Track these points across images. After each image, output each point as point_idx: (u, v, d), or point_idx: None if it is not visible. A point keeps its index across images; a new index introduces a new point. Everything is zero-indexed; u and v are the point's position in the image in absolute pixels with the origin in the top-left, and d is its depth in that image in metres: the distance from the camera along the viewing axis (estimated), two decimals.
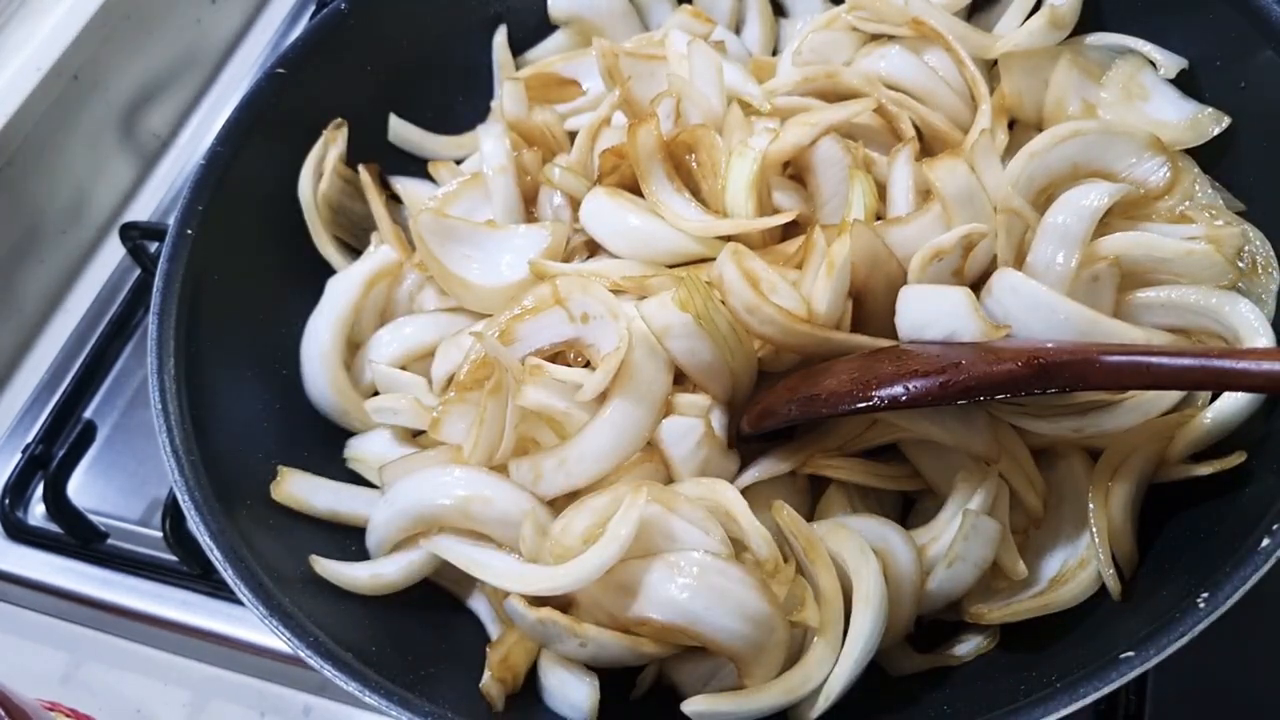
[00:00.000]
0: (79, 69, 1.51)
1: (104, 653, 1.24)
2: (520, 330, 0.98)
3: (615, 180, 1.08)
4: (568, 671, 0.89)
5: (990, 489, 0.91)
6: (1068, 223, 0.95)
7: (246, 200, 1.12)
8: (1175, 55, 1.05)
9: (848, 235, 0.93)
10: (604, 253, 1.07)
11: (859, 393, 0.86)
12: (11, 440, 1.37)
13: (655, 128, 1.05)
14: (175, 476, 0.93)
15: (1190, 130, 1.03)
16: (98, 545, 1.26)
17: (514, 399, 0.94)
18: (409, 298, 1.15)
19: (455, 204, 1.15)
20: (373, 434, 1.09)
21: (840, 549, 0.89)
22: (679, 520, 0.88)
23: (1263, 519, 0.78)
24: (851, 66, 1.13)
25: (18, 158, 1.46)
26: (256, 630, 1.16)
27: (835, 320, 0.95)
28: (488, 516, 0.94)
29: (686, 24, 1.22)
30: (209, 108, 1.71)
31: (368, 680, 0.83)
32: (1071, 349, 0.83)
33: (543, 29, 1.32)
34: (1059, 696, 0.76)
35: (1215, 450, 0.91)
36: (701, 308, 0.91)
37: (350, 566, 0.97)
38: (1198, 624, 0.75)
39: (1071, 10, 1.07)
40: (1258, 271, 0.96)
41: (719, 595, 0.84)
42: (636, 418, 0.92)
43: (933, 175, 0.97)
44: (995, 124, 1.06)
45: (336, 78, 1.20)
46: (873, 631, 0.86)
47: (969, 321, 0.89)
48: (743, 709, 0.83)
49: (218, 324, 1.05)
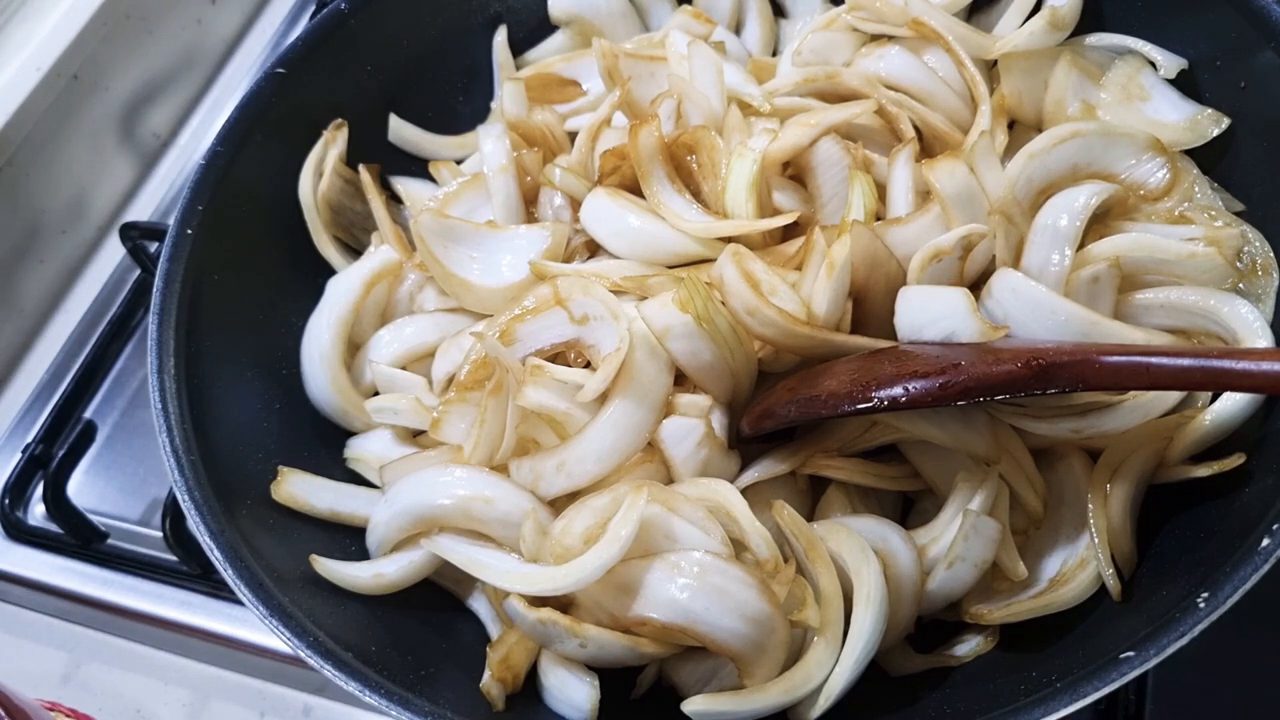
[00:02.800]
0: (79, 69, 1.52)
1: (104, 653, 1.24)
2: (521, 331, 0.98)
3: (616, 181, 1.08)
4: (568, 671, 0.90)
5: (991, 489, 0.91)
6: (1059, 223, 0.95)
7: (246, 200, 1.12)
8: (1175, 56, 1.05)
9: (847, 236, 0.93)
10: (604, 253, 1.07)
11: (859, 394, 0.86)
12: (11, 440, 1.38)
13: (657, 128, 1.05)
14: (175, 476, 0.93)
15: (1190, 131, 1.03)
16: (98, 545, 1.26)
17: (514, 399, 0.94)
18: (409, 298, 1.14)
19: (456, 204, 1.15)
20: (373, 434, 1.09)
21: (841, 549, 0.89)
22: (679, 520, 0.88)
23: (1263, 519, 0.78)
24: (851, 67, 1.13)
25: (18, 158, 1.46)
26: (256, 630, 1.16)
27: (835, 321, 0.95)
28: (488, 516, 0.94)
29: (687, 24, 1.22)
30: (209, 108, 1.71)
31: (368, 680, 0.83)
32: (1071, 350, 0.83)
33: (543, 29, 1.32)
34: (1059, 696, 0.76)
35: (1215, 451, 0.91)
36: (702, 309, 0.91)
37: (351, 566, 0.97)
38: (1198, 624, 0.75)
39: (1072, 11, 1.07)
40: (1257, 272, 0.96)
41: (719, 595, 0.84)
42: (637, 418, 0.92)
43: (932, 176, 0.97)
44: (995, 125, 1.06)
45: (336, 78, 1.20)
46: (873, 632, 0.86)
47: (967, 322, 0.89)
48: (743, 709, 0.83)
49: (218, 324, 1.05)
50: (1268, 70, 0.97)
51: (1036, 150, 0.99)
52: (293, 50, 1.17)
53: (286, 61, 1.16)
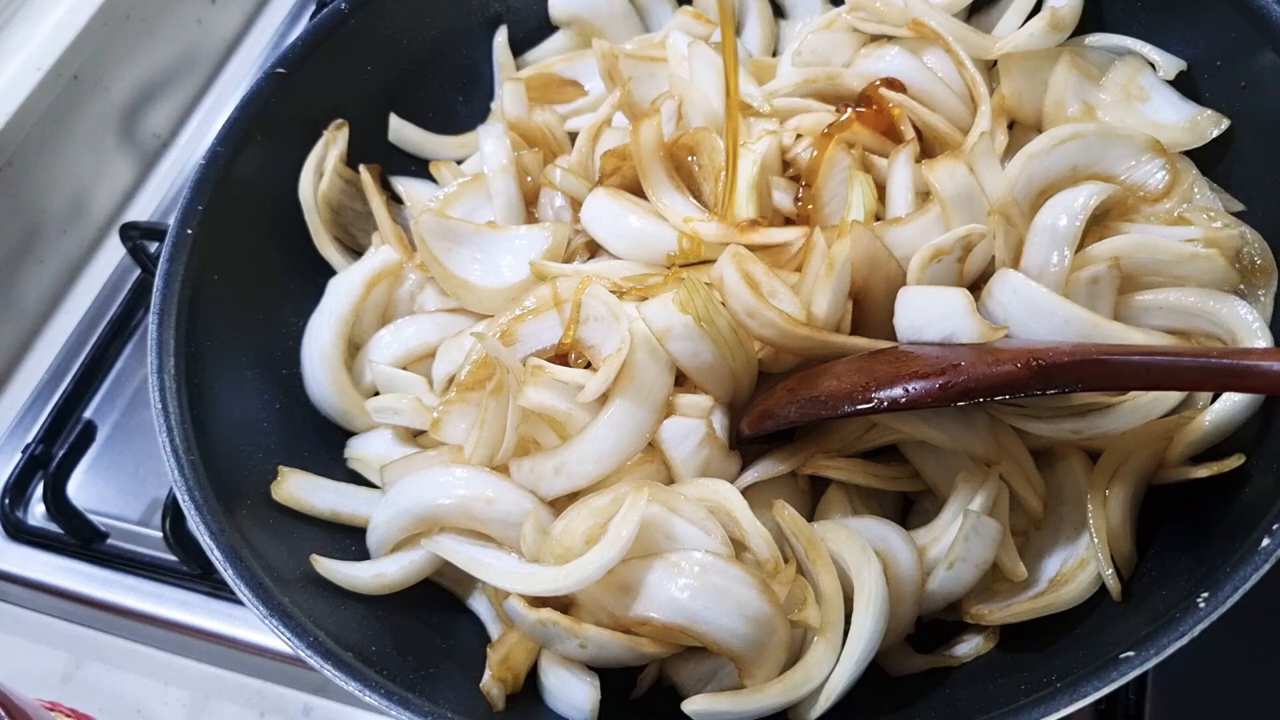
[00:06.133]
0: (79, 69, 1.52)
1: (104, 653, 1.24)
2: (521, 331, 0.98)
3: (616, 182, 1.08)
4: (568, 671, 0.90)
5: (991, 490, 0.91)
6: (1058, 223, 0.95)
7: (247, 200, 1.12)
8: (1174, 57, 1.05)
9: (847, 237, 0.93)
10: (605, 254, 1.07)
11: (858, 395, 0.86)
12: (11, 440, 1.38)
13: (658, 124, 1.05)
14: (175, 476, 0.93)
15: (1189, 132, 1.03)
16: (98, 545, 1.26)
17: (515, 400, 0.94)
18: (410, 298, 1.15)
19: (456, 205, 1.15)
20: (373, 434, 1.09)
21: (841, 550, 0.89)
22: (680, 520, 0.88)
23: (1263, 519, 0.78)
24: (851, 68, 1.13)
25: (18, 158, 1.46)
26: (256, 630, 1.16)
27: (835, 322, 0.95)
28: (489, 516, 0.94)
29: (687, 25, 1.22)
30: (209, 108, 1.71)
31: (368, 680, 0.83)
32: (1070, 350, 0.83)
33: (543, 29, 1.32)
34: (1059, 696, 0.76)
35: (1215, 452, 0.91)
36: (702, 309, 0.91)
37: (352, 566, 0.97)
38: (1198, 624, 0.75)
39: (1072, 12, 1.07)
40: (1256, 273, 0.96)
41: (720, 595, 0.84)
42: (638, 419, 0.92)
43: (932, 177, 0.97)
44: (995, 125, 1.06)
45: (336, 78, 1.20)
46: (874, 632, 0.86)
47: (967, 322, 0.89)
48: (743, 708, 0.84)
49: (218, 324, 1.05)
50: (1267, 71, 0.97)
51: (1036, 151, 0.99)
52: (293, 50, 1.17)
53: (286, 61, 1.16)
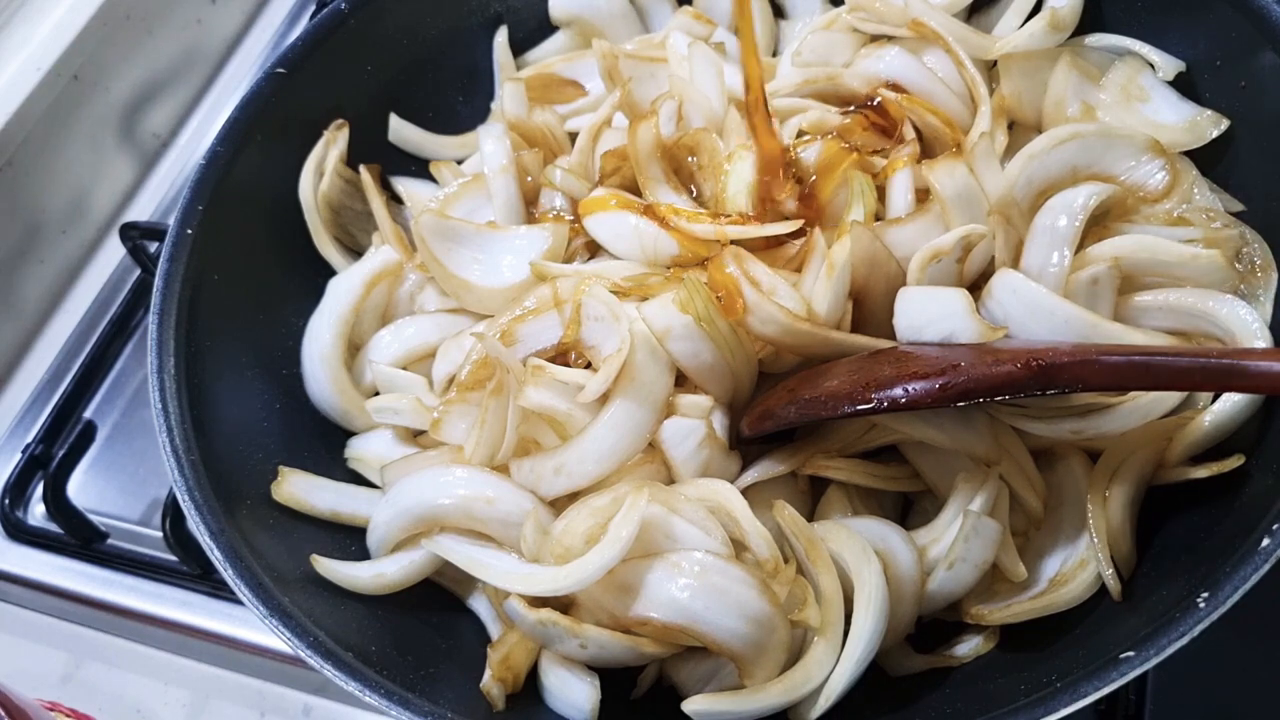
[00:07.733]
0: (79, 69, 1.52)
1: (104, 653, 1.24)
2: (521, 331, 0.98)
3: (617, 182, 1.08)
4: (568, 671, 0.90)
5: (991, 490, 0.91)
6: (1058, 223, 0.96)
7: (247, 200, 1.12)
8: (1173, 58, 1.05)
9: (848, 237, 0.93)
10: (605, 254, 1.07)
11: (858, 395, 0.86)
12: (11, 440, 1.38)
13: (655, 124, 1.05)
14: (175, 476, 0.93)
15: (1189, 133, 1.03)
16: (98, 545, 1.26)
17: (515, 400, 0.94)
18: (410, 298, 1.15)
19: (456, 205, 1.15)
20: (374, 434, 1.09)
21: (841, 550, 0.89)
22: (680, 521, 0.89)
23: (1263, 519, 0.78)
24: (851, 68, 1.13)
25: (18, 158, 1.46)
26: (256, 630, 1.16)
27: (836, 321, 0.95)
28: (489, 516, 0.94)
29: (687, 25, 1.22)
30: (209, 108, 1.71)
31: (368, 680, 0.83)
32: (1070, 350, 0.83)
33: (543, 29, 1.32)
34: (1059, 696, 0.76)
35: (1214, 452, 0.92)
36: (702, 309, 0.91)
37: (352, 566, 0.97)
38: (1198, 624, 0.75)
39: (1072, 12, 1.07)
40: (1255, 273, 0.96)
41: (720, 595, 0.84)
42: (638, 419, 0.92)
43: (932, 177, 0.97)
44: (994, 126, 1.06)
45: (336, 78, 1.20)
46: (874, 632, 0.86)
47: (967, 323, 0.89)
48: (743, 708, 0.84)
49: (218, 324, 1.05)
50: (1267, 71, 0.97)
51: (1036, 151, 0.99)
52: (293, 50, 1.17)
53: (286, 61, 1.16)
